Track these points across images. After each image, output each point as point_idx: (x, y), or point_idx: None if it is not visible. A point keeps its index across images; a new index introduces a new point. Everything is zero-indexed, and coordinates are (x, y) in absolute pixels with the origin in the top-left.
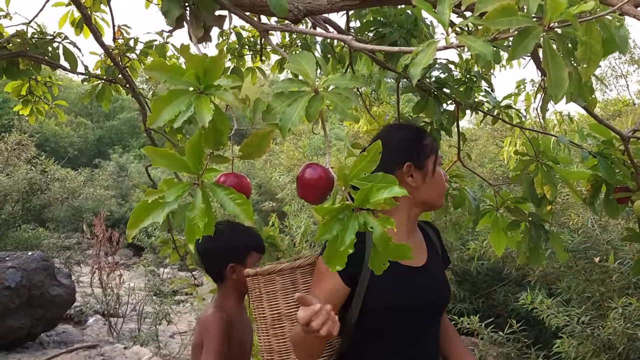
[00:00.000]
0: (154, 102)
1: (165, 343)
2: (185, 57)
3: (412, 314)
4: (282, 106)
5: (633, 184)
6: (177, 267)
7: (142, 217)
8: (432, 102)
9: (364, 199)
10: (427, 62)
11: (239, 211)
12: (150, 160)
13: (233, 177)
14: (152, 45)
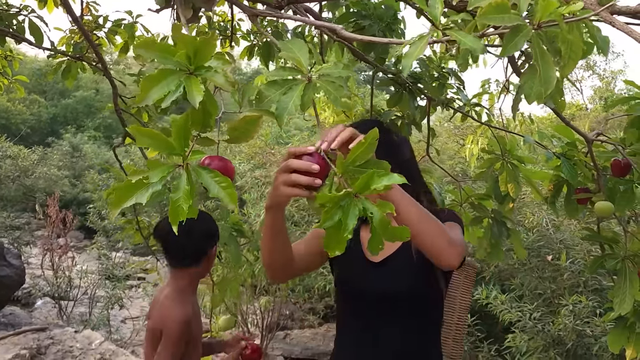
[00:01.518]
0: (143, 81)
1: (116, 328)
2: (177, 36)
3: (362, 303)
4: (276, 95)
5: (593, 186)
6: (130, 251)
7: (125, 197)
8: (406, 97)
9: (364, 185)
10: (418, 55)
11: (224, 195)
12: (121, 141)
13: (218, 160)
14: (121, 24)
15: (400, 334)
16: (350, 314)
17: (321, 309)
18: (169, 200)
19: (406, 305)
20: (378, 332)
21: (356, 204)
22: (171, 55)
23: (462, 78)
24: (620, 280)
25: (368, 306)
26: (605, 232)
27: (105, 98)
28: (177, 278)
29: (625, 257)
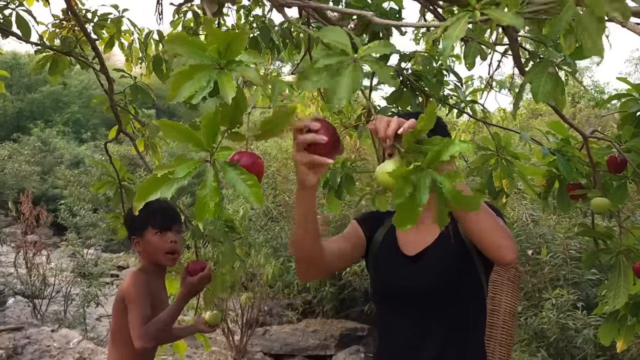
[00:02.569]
0: (174, 76)
1: (92, 326)
2: (209, 30)
3: (401, 298)
4: (322, 79)
5: (585, 181)
6: (101, 248)
7: (150, 191)
8: (407, 94)
9: (434, 157)
10: (458, 36)
11: (248, 193)
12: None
13: (247, 156)
14: (107, 19)
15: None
16: (390, 310)
17: (299, 304)
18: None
19: (445, 298)
20: (419, 326)
21: (425, 177)
22: (202, 50)
23: (459, 75)
24: (614, 275)
25: (408, 301)
26: (599, 227)
27: (73, 93)
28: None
29: (620, 252)
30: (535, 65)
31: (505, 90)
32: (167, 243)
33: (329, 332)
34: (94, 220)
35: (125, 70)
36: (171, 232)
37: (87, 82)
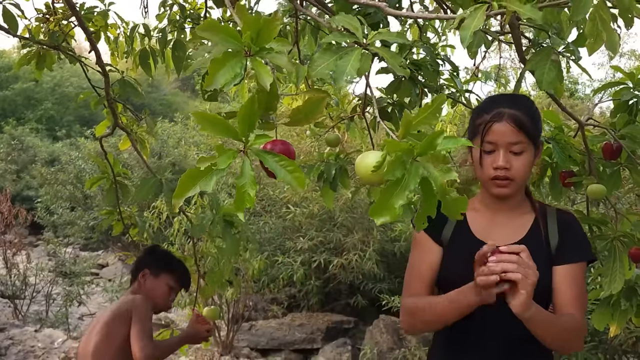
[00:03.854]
0: (210, 64)
1: (75, 325)
2: (241, 17)
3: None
4: (330, 61)
5: (577, 169)
6: (79, 247)
7: (190, 185)
8: (406, 84)
9: (428, 145)
10: (476, 26)
11: (291, 178)
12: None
13: (280, 144)
14: (94, 12)
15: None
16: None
17: (284, 298)
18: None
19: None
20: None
21: (418, 166)
22: (234, 37)
23: (456, 65)
24: (610, 260)
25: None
26: (594, 214)
27: (45, 90)
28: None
29: (615, 238)
30: (537, 53)
31: (491, 81)
32: (168, 299)
33: (315, 325)
34: (72, 219)
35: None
36: (175, 294)
37: (59, 79)
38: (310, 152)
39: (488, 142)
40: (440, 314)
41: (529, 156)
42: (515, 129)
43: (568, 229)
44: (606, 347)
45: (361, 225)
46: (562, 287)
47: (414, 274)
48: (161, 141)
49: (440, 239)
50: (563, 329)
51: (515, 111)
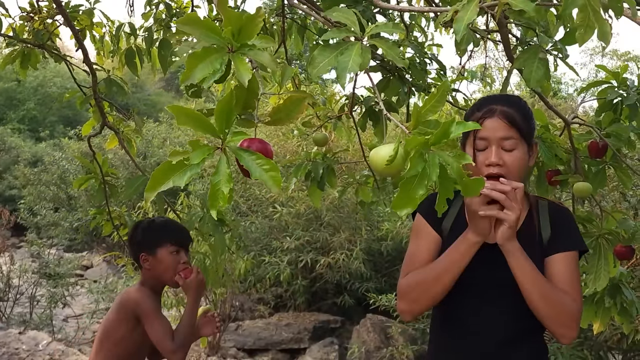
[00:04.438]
0: (188, 58)
1: (60, 327)
2: (224, 13)
3: (472, 288)
4: (331, 57)
5: (563, 167)
6: (63, 248)
7: (162, 179)
8: (394, 82)
9: (443, 134)
10: (469, 19)
11: (267, 177)
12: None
13: (258, 142)
14: (79, 10)
15: (510, 322)
16: (458, 301)
17: (271, 298)
18: None
19: (519, 292)
20: (486, 319)
21: (435, 155)
22: (215, 33)
23: (443, 64)
24: (595, 258)
25: (479, 292)
26: (579, 211)
27: (27, 90)
28: (141, 277)
29: (600, 235)
30: (525, 51)
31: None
32: (180, 263)
33: (302, 325)
34: (56, 220)
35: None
36: (184, 252)
37: (42, 79)
38: (297, 151)
39: (480, 139)
40: (443, 270)
41: (521, 153)
42: (507, 125)
43: (560, 221)
44: (591, 343)
45: (348, 225)
46: (555, 273)
47: (413, 259)
48: (146, 141)
49: (441, 229)
50: (554, 293)
51: (507, 108)
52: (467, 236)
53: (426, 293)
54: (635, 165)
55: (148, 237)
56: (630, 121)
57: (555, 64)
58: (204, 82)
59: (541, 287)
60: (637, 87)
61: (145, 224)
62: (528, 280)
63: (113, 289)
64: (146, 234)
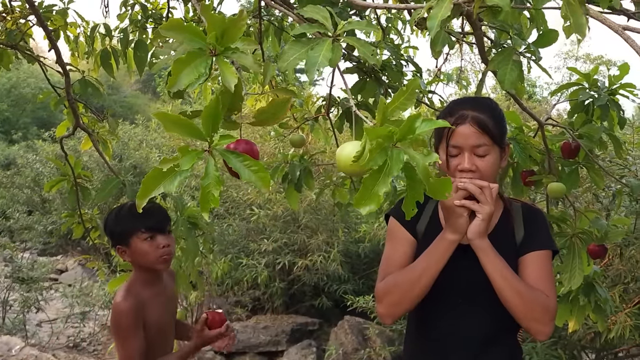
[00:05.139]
0: (173, 64)
1: (33, 332)
2: (207, 17)
3: (447, 291)
4: (301, 52)
5: (537, 168)
6: (37, 252)
7: (153, 186)
8: (371, 83)
9: (407, 129)
10: (443, 16)
11: (255, 178)
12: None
13: (244, 144)
14: (53, 10)
15: (485, 323)
16: (433, 303)
17: (248, 301)
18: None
19: (494, 293)
20: (461, 321)
21: (400, 151)
22: (199, 37)
23: (419, 65)
24: (569, 257)
25: (454, 294)
26: (553, 211)
27: (0, 91)
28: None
29: (574, 235)
30: (499, 54)
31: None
32: (159, 248)
33: (279, 327)
34: (29, 223)
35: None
36: (162, 235)
37: (15, 80)
38: (274, 153)
39: (453, 146)
40: (421, 272)
41: (494, 157)
42: (479, 131)
43: (533, 222)
44: (565, 343)
45: (325, 227)
46: (528, 271)
47: (390, 262)
48: (122, 143)
49: (415, 232)
50: (527, 290)
51: (479, 113)
52: (445, 235)
53: (405, 295)
54: (607, 166)
55: (118, 228)
56: (602, 122)
57: (528, 67)
58: (189, 87)
59: (513, 283)
60: (607, 88)
61: (113, 215)
62: (500, 276)
63: (88, 292)
64: (116, 225)
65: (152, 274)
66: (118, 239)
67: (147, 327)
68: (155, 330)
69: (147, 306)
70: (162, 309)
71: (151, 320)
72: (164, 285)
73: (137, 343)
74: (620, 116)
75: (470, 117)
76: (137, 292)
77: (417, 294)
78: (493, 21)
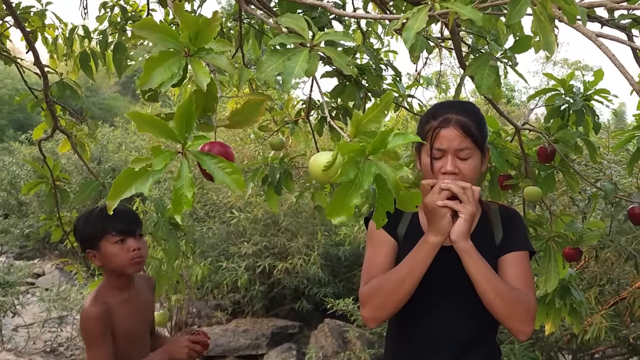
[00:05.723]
0: (146, 63)
1: (9, 337)
2: (180, 17)
3: (428, 291)
4: (278, 63)
5: (514, 172)
6: (13, 255)
7: (125, 186)
8: (351, 87)
9: (380, 143)
10: (419, 27)
11: (230, 180)
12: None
13: (219, 146)
14: (30, 11)
15: (466, 324)
16: (415, 304)
17: (228, 304)
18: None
19: (475, 294)
20: (443, 322)
21: (371, 164)
22: (172, 37)
23: (398, 70)
24: (545, 260)
25: (435, 295)
26: (530, 215)
27: None
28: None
29: (550, 238)
30: (477, 59)
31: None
32: (129, 252)
33: (259, 331)
34: (6, 227)
35: (49, 66)
36: (132, 239)
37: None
38: (255, 156)
39: (437, 149)
40: (404, 275)
41: (476, 161)
42: (462, 135)
43: (511, 223)
44: (543, 344)
45: (306, 230)
46: (507, 271)
47: (372, 265)
48: (101, 146)
49: (396, 235)
50: (509, 290)
51: (462, 117)
52: (428, 238)
53: (389, 299)
54: (582, 170)
55: (88, 232)
56: (577, 127)
57: (505, 72)
58: (161, 87)
59: (496, 284)
60: (582, 94)
61: (83, 219)
62: (482, 278)
63: (66, 297)
64: (85, 229)
65: (122, 279)
66: (88, 242)
67: (115, 334)
68: (125, 338)
69: (115, 313)
70: (133, 316)
71: (120, 327)
72: (137, 292)
73: (104, 349)
74: (595, 121)
75: (454, 121)
76: (106, 297)
77: (402, 297)
78: (471, 27)
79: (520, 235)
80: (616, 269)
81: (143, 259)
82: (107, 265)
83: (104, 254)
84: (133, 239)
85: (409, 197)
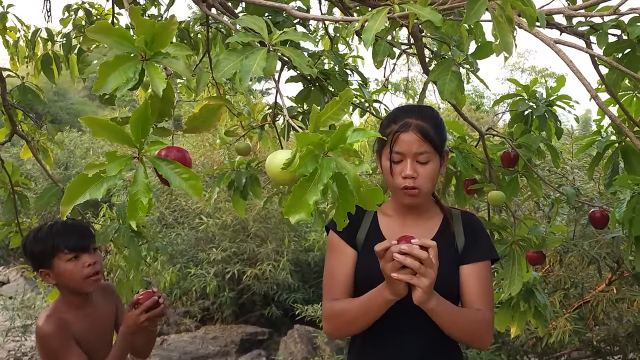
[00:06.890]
0: (100, 67)
1: None
2: (135, 21)
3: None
4: (236, 61)
5: (479, 177)
6: None
7: (78, 192)
8: (316, 92)
9: (339, 138)
10: (378, 29)
11: (186, 186)
12: None
13: (176, 151)
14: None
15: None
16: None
17: (197, 311)
18: None
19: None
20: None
21: (330, 160)
22: (128, 41)
23: (364, 75)
24: (509, 264)
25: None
26: (494, 219)
27: None
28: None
29: (514, 242)
30: (440, 64)
31: (400, 93)
32: (84, 268)
33: (229, 337)
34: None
35: (10, 69)
36: (86, 254)
37: None
38: (223, 161)
39: (396, 153)
40: (361, 315)
41: (434, 164)
42: (421, 139)
43: (473, 230)
44: (509, 348)
45: (275, 235)
46: (469, 284)
47: (332, 278)
48: (68, 151)
49: (355, 243)
50: (470, 322)
51: (422, 121)
52: (384, 293)
53: (350, 326)
54: (546, 175)
55: (38, 250)
56: (540, 132)
57: (467, 77)
58: (117, 91)
59: (460, 323)
60: (545, 99)
61: (32, 236)
62: (448, 324)
63: (31, 305)
64: (35, 247)
65: (79, 297)
66: (39, 261)
67: (78, 342)
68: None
69: (73, 329)
70: (92, 332)
71: (80, 344)
72: (94, 306)
73: (76, 358)
74: (557, 126)
75: (413, 125)
76: (62, 314)
77: (360, 327)
78: (434, 33)
79: (482, 244)
80: (580, 272)
81: (99, 275)
82: (63, 284)
83: (57, 272)
84: (87, 254)
85: (370, 194)
